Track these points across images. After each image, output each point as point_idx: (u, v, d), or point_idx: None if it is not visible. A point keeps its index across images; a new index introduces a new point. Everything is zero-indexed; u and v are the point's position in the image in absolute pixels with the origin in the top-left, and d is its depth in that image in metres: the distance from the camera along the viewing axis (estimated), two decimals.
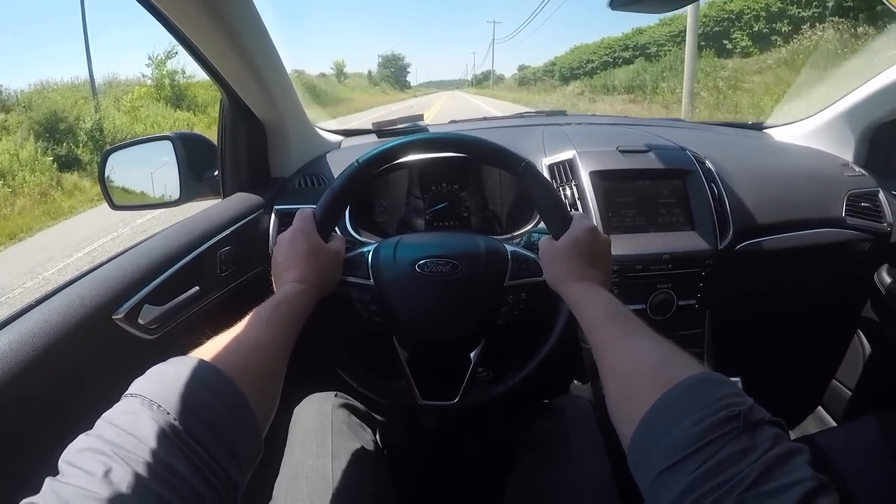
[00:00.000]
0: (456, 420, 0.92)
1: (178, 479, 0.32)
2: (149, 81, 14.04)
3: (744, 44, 12.18)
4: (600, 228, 0.84)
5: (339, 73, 47.32)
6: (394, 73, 77.62)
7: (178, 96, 13.82)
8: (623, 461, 0.40)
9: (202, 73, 0.80)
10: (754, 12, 12.13)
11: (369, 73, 64.61)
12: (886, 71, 1.03)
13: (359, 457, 0.69)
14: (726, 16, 12.74)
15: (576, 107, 15.41)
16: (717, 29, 12.76)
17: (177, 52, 13.63)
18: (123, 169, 0.95)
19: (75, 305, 0.55)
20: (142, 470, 0.30)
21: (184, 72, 14.14)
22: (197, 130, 8.70)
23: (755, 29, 12.09)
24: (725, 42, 12.52)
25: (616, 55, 18.74)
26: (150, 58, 14.03)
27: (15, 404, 0.48)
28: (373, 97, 39.28)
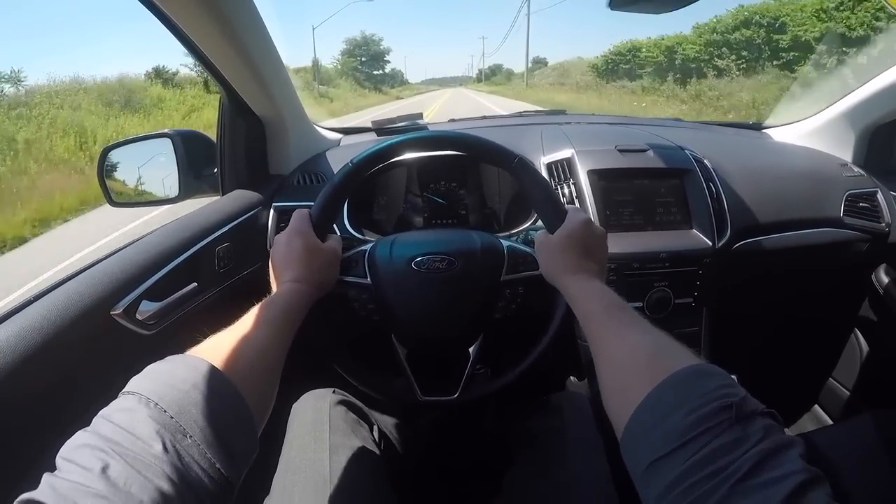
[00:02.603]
0: (453, 416, 0.93)
1: (175, 475, 0.32)
2: None
3: None
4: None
5: None
6: (366, 64, 53.19)
7: None
8: (621, 459, 0.40)
9: None
10: None
11: (314, 65, 33.26)
12: (886, 72, 1.03)
13: (356, 452, 0.69)
14: None
15: None
16: None
17: None
18: (122, 166, 0.95)
19: (74, 300, 0.55)
20: (139, 466, 0.31)
21: None
22: None
23: None
24: None
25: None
26: None
27: (14, 398, 0.48)
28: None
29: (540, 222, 0.80)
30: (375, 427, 0.80)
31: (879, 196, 1.07)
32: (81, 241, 5.01)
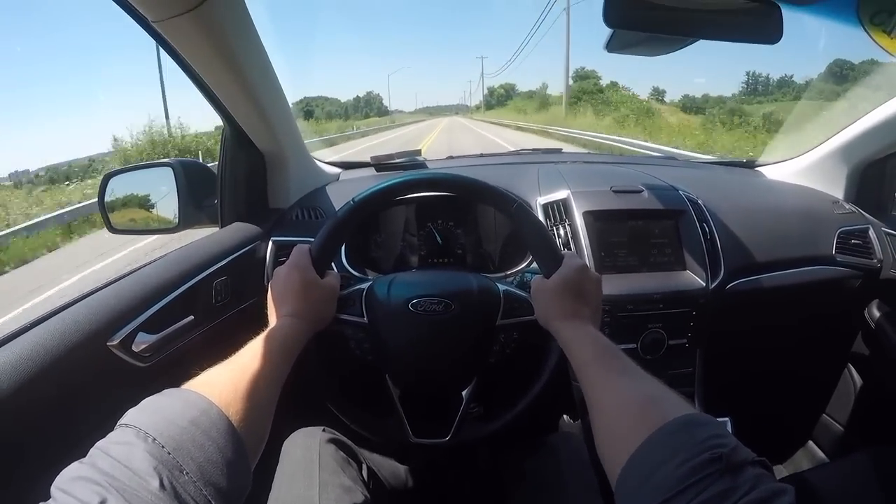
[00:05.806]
0: (445, 455, 0.92)
1: None
2: None
3: None
4: (593, 268, 0.85)
5: None
6: None
7: None
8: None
9: None
10: None
11: None
12: (876, 110, 1.05)
13: (346, 491, 0.69)
14: None
15: None
16: None
17: None
18: (123, 193, 0.95)
19: (70, 330, 0.55)
20: (136, 503, 0.31)
21: None
22: None
23: None
24: None
25: None
26: None
27: (8, 425, 0.48)
28: None
29: (535, 264, 0.81)
30: (364, 466, 0.79)
31: (871, 232, 1.09)
32: None
